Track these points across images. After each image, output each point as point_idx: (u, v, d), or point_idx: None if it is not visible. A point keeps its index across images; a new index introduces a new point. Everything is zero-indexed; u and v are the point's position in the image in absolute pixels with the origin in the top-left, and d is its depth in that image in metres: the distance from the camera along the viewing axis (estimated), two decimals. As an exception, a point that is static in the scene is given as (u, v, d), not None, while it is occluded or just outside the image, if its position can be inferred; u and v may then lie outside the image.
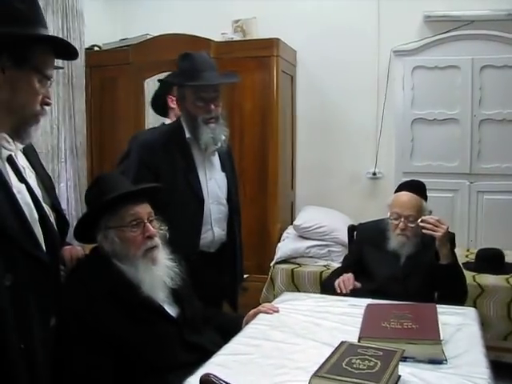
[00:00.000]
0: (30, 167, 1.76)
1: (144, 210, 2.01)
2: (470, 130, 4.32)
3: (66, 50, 1.59)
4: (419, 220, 2.65)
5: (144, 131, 2.69)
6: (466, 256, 3.98)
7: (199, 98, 2.54)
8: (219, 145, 2.62)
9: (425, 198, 2.81)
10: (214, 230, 2.66)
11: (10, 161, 1.55)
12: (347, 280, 2.68)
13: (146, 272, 1.94)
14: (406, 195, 2.77)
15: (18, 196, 1.49)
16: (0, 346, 1.37)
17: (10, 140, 1.53)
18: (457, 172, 4.39)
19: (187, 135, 2.61)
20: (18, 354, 1.40)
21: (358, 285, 2.71)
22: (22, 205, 1.49)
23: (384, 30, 4.60)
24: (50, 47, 1.53)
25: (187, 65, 2.57)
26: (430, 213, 2.77)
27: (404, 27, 4.53)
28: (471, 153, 4.33)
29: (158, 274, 1.98)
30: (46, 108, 1.58)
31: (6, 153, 1.52)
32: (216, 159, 2.73)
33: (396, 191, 2.87)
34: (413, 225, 2.70)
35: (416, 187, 2.81)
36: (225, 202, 2.72)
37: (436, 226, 2.60)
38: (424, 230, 2.62)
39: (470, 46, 4.28)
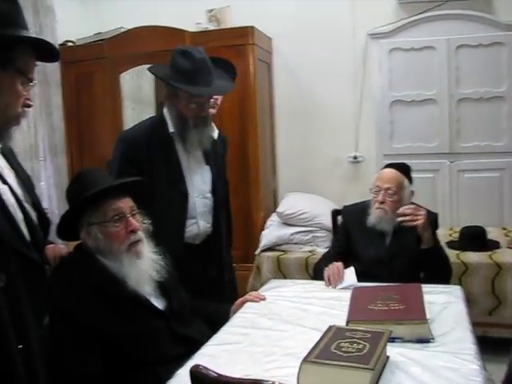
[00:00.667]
0: (8, 167, 1.74)
1: (126, 204, 2.00)
2: (448, 110, 4.35)
3: (48, 52, 1.57)
4: (397, 212, 2.64)
5: (127, 129, 2.67)
6: (450, 235, 4.01)
7: (193, 102, 2.48)
8: (203, 147, 2.60)
9: (408, 178, 2.83)
10: (199, 223, 2.64)
11: None
12: (337, 272, 2.56)
13: (131, 266, 1.94)
14: (388, 170, 2.83)
15: (4, 198, 1.47)
16: (0, 348, 1.36)
17: None
18: (437, 152, 4.42)
19: (170, 129, 2.56)
20: (16, 354, 1.40)
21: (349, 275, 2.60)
22: (8, 206, 1.48)
23: (359, 14, 4.58)
24: (31, 49, 1.51)
25: (185, 64, 2.46)
26: (412, 193, 2.80)
27: (378, 10, 4.53)
28: (450, 132, 4.37)
29: (143, 267, 1.97)
30: (27, 110, 1.57)
31: None
32: (199, 153, 2.68)
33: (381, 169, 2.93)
34: (391, 199, 2.72)
35: (400, 167, 2.85)
36: (210, 195, 2.70)
37: (415, 215, 2.61)
38: (404, 223, 2.62)
39: (445, 26, 4.30)
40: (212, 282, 2.76)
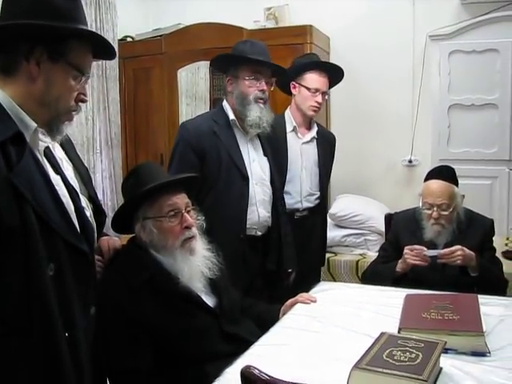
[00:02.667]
0: (67, 159, 1.77)
1: (182, 200, 2.01)
2: (510, 115, 4.20)
3: (104, 49, 1.58)
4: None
5: (190, 119, 2.84)
6: (506, 244, 3.89)
7: (255, 73, 2.65)
8: (262, 128, 2.69)
9: (456, 183, 2.75)
10: (258, 211, 2.70)
11: (46, 153, 1.56)
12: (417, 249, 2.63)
13: (184, 262, 1.95)
14: (436, 183, 2.71)
15: (57, 188, 1.49)
16: (47, 335, 1.39)
17: (45, 133, 1.53)
18: (496, 158, 4.27)
19: (231, 117, 2.70)
20: (63, 341, 1.42)
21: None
22: (60, 196, 1.50)
23: (419, 15, 4.50)
24: (87, 44, 1.53)
25: (245, 46, 2.68)
26: (463, 197, 2.73)
27: (440, 11, 4.43)
28: (511, 139, 4.22)
29: (196, 264, 1.98)
30: (81, 104, 1.58)
31: (42, 145, 1.53)
32: (258, 144, 2.81)
33: (425, 179, 2.81)
34: (446, 212, 2.65)
35: (446, 173, 2.75)
36: (269, 184, 2.78)
37: (452, 257, 2.56)
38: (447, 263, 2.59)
39: (510, 27, 4.15)
40: (270, 275, 2.82)
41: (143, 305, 1.86)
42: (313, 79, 3.10)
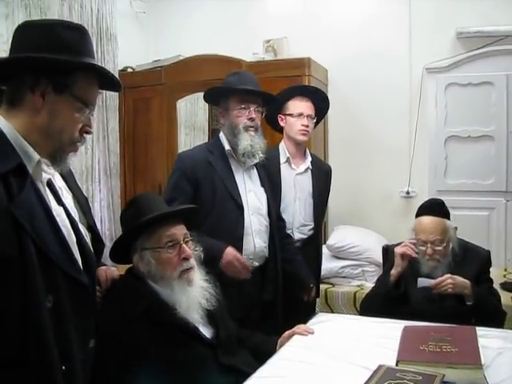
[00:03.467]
0: (66, 188, 1.78)
1: (180, 231, 2.02)
2: (506, 147, 4.26)
3: (110, 81, 1.61)
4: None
5: (188, 150, 2.93)
6: (504, 276, 3.88)
7: (243, 103, 2.70)
8: (257, 158, 2.73)
9: (447, 216, 2.74)
10: (255, 241, 2.71)
11: (49, 184, 1.57)
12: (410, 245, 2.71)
13: (182, 293, 1.95)
14: (427, 219, 2.71)
15: (58, 219, 1.50)
16: (44, 367, 1.38)
17: (49, 163, 1.54)
18: (492, 190, 4.32)
19: (226, 147, 2.74)
20: (60, 375, 1.41)
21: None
22: (61, 228, 1.50)
23: (416, 48, 4.57)
24: (93, 77, 1.55)
25: (234, 78, 2.76)
26: (456, 229, 2.73)
27: (436, 44, 4.50)
28: (507, 170, 4.26)
29: (194, 295, 1.98)
30: (86, 136, 1.59)
31: (46, 176, 1.54)
32: (255, 174, 2.84)
33: (417, 215, 2.80)
34: (440, 248, 2.65)
35: (436, 208, 2.75)
36: (265, 214, 2.80)
37: (442, 286, 2.55)
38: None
39: (505, 61, 4.25)
40: (266, 305, 2.80)
41: (140, 336, 1.85)
42: (295, 105, 3.15)
